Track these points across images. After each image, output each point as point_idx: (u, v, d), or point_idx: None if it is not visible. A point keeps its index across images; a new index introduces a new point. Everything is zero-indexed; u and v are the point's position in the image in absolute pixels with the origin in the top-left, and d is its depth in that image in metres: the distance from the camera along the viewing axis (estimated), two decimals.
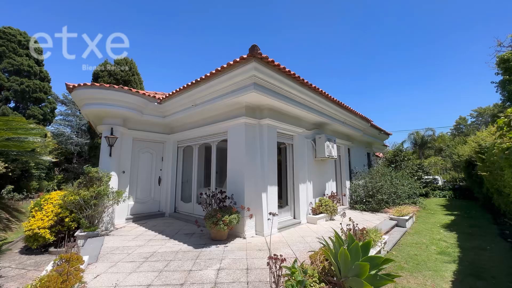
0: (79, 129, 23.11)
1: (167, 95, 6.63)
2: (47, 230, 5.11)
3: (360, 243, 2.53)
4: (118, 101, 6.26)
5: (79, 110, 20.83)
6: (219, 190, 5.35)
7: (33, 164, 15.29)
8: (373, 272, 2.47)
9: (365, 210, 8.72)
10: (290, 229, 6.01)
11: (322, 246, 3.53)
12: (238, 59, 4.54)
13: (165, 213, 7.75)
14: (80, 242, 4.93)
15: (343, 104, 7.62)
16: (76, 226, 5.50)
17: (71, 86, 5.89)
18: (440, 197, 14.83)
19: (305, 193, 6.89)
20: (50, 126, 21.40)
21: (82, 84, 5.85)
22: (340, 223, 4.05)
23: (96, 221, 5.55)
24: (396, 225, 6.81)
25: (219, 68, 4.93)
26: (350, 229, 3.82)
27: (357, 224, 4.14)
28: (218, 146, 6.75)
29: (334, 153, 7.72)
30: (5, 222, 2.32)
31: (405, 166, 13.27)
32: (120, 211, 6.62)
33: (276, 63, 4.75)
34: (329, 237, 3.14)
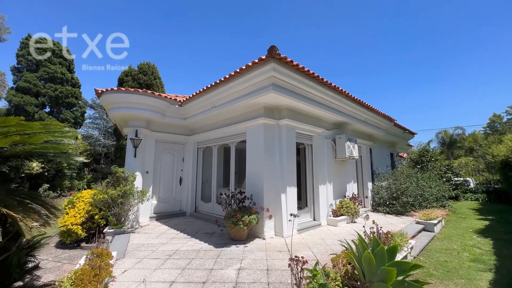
0: (106, 132, 24.46)
1: (187, 97, 6.82)
2: (79, 226, 5.46)
3: (386, 247, 2.43)
4: (142, 104, 6.55)
5: (106, 114, 22.07)
6: (238, 191, 5.40)
7: (66, 165, 16.42)
8: (400, 278, 2.36)
9: (388, 213, 8.36)
10: (310, 230, 5.92)
11: (344, 249, 3.44)
12: (256, 61, 4.57)
13: (186, 213, 7.97)
14: (108, 238, 5.21)
15: (364, 103, 7.38)
16: (104, 223, 5.82)
17: (99, 91, 6.26)
18: (472, 200, 13.84)
19: (325, 195, 6.76)
20: (80, 128, 22.87)
21: (109, 89, 6.19)
22: (363, 226, 3.92)
23: (123, 219, 5.83)
24: (423, 230, 6.46)
25: (238, 70, 4.98)
26: (374, 232, 3.69)
27: (381, 227, 3.98)
28: (237, 146, 6.83)
29: (355, 153, 7.50)
30: (45, 218, 2.50)
31: (432, 167, 12.53)
32: (144, 210, 6.90)
33: (295, 63, 4.71)
34: (352, 240, 3.05)
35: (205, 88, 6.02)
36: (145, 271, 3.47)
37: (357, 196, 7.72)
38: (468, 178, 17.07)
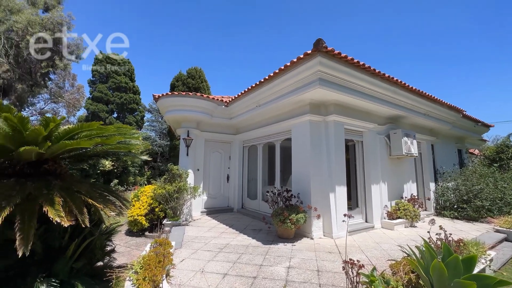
0: (161, 133, 27.05)
1: (233, 98, 7.06)
2: (143, 217, 6.16)
3: (461, 257, 2.11)
4: (192, 106, 7.03)
5: (161, 117, 24.37)
6: (284, 189, 5.37)
7: (130, 163, 18.71)
8: None
9: (457, 218, 7.29)
10: (361, 233, 5.55)
11: (406, 255, 3.12)
12: (301, 56, 4.46)
13: (233, 209, 8.28)
14: (167, 229, 5.75)
15: (425, 93, 6.55)
16: (163, 215, 6.44)
17: (156, 96, 6.94)
18: None
19: (379, 195, 6.24)
20: (140, 131, 25.79)
21: (165, 94, 6.82)
22: (428, 231, 3.48)
23: (178, 212, 6.37)
24: (506, 239, 5.44)
25: (282, 67, 4.94)
26: (441, 239, 3.25)
27: (450, 234, 3.49)
28: (281, 144, 6.80)
29: (414, 150, 6.73)
30: (119, 208, 2.89)
31: None
32: (196, 205, 7.41)
33: (343, 55, 4.45)
34: (416, 246, 2.74)
35: (249, 87, 6.15)
36: (200, 262, 3.72)
37: (416, 197, 6.93)
38: None
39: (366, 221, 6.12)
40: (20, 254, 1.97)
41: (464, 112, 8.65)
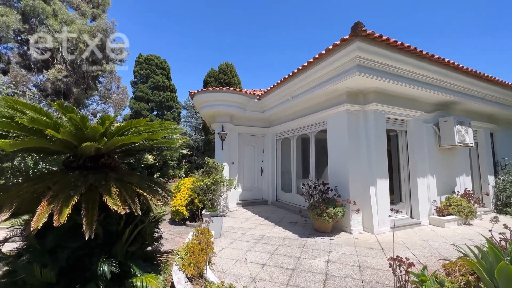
0: (196, 128, 28.31)
1: (265, 91, 7.03)
2: (184, 207, 6.56)
3: None
4: (226, 101, 7.19)
5: (196, 113, 25.42)
6: (321, 182, 5.24)
7: (169, 157, 19.99)
8: None
9: None
10: (406, 229, 5.18)
11: (462, 255, 2.83)
12: (338, 42, 4.23)
13: (268, 201, 8.36)
14: (206, 219, 6.05)
15: (484, 74, 5.74)
16: (202, 206, 6.77)
17: (192, 93, 7.24)
18: None
19: (426, 189, 5.73)
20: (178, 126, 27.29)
21: (200, 90, 7.07)
22: (489, 230, 3.08)
23: (216, 203, 6.64)
24: None
25: (317, 56, 4.74)
26: (506, 239, 2.86)
27: None
28: (316, 136, 6.61)
29: (469, 139, 5.99)
30: (164, 199, 3.11)
31: None
32: (231, 197, 7.66)
33: (384, 37, 4.10)
34: (476, 246, 2.46)
35: (282, 79, 6.05)
36: (239, 251, 3.85)
37: (471, 192, 6.20)
38: None
39: (411, 217, 5.68)
40: (86, 236, 2.25)
41: None
